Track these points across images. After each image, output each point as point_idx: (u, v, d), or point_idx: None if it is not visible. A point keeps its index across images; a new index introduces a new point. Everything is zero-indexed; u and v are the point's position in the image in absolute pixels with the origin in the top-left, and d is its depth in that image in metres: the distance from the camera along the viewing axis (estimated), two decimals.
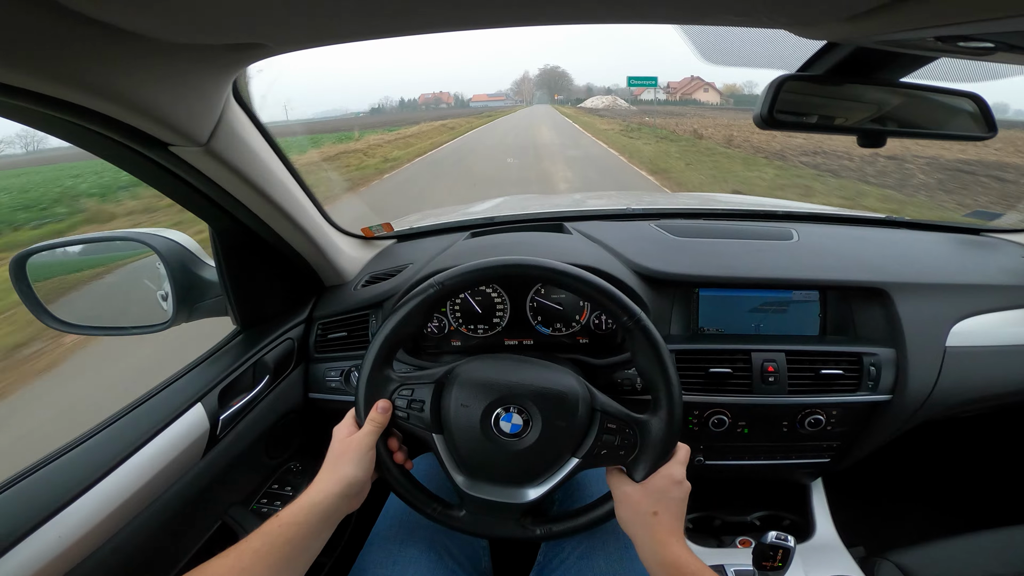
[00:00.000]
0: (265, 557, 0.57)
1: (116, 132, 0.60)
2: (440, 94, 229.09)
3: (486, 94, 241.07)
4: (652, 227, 1.29)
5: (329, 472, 0.69)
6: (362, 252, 1.28)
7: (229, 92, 0.70)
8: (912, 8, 0.44)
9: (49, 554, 0.60)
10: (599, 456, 0.73)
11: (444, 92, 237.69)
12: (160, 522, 0.76)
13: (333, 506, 0.65)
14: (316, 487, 0.67)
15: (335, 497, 0.66)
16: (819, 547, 1.14)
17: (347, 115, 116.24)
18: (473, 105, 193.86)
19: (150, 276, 1.01)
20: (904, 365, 1.03)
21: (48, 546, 0.60)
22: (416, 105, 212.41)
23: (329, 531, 0.66)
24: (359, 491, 0.69)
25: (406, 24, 0.52)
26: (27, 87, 0.47)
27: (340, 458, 0.70)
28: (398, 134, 26.40)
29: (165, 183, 0.78)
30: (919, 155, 11.32)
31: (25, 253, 0.91)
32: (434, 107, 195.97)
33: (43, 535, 0.60)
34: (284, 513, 0.63)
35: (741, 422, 1.06)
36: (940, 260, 1.21)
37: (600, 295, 0.75)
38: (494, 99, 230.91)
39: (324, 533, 0.65)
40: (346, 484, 0.67)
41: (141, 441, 0.75)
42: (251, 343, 1.02)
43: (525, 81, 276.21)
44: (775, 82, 0.69)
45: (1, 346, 3.21)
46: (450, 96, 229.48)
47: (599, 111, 62.61)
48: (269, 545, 0.58)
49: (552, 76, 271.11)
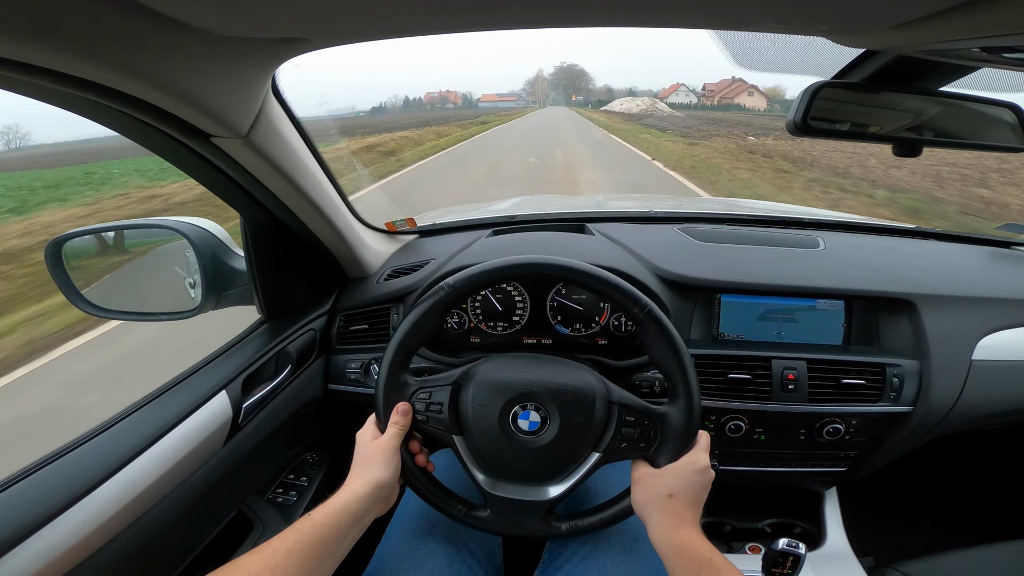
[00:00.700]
0: (298, 556, 0.58)
1: (163, 122, 0.62)
2: (447, 93, 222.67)
3: (496, 94, 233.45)
4: (675, 231, 1.29)
5: (359, 475, 0.69)
6: (385, 246, 1.29)
7: (269, 86, 0.71)
8: (958, 19, 0.44)
9: (71, 539, 0.61)
10: (620, 449, 0.73)
11: (451, 91, 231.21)
12: (180, 509, 0.77)
13: (364, 508, 0.66)
14: (348, 489, 0.68)
15: (366, 499, 0.66)
16: (829, 556, 1.13)
17: (348, 114, 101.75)
18: (482, 105, 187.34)
19: (179, 263, 1.03)
20: (928, 377, 1.02)
21: (71, 530, 0.61)
22: (421, 104, 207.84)
23: (358, 534, 0.67)
24: (388, 494, 0.70)
25: (448, 22, 0.52)
26: (84, 76, 0.49)
27: (369, 461, 0.70)
28: (364, 143, 18.33)
29: (203, 173, 0.79)
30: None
31: (61, 238, 0.93)
32: (440, 107, 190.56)
33: (67, 519, 0.61)
34: (317, 513, 0.64)
35: (758, 428, 1.05)
36: (969, 272, 1.19)
37: (609, 288, 0.75)
38: (505, 99, 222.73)
39: (353, 535, 0.66)
40: (376, 486, 0.68)
41: (167, 427, 0.77)
42: (275, 333, 1.03)
43: (539, 80, 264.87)
44: (810, 88, 0.68)
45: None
46: (458, 95, 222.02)
47: (636, 116, 49.29)
48: (302, 544, 0.59)
49: (569, 75, 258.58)
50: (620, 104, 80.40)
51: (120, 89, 0.53)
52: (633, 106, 70.67)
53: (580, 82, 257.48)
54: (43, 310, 3.95)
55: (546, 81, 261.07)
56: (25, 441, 2.41)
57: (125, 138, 0.68)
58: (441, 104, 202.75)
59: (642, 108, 66.49)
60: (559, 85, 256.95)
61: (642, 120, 41.22)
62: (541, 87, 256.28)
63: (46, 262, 0.93)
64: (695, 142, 19.20)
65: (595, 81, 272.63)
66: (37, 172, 15.33)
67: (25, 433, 2.52)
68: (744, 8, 0.48)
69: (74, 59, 0.46)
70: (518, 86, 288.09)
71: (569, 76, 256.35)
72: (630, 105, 73.39)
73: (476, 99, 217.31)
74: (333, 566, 0.63)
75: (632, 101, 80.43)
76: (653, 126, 30.85)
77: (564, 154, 15.43)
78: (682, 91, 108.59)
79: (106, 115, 0.62)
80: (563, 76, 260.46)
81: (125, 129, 0.65)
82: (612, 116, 52.27)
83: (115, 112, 0.60)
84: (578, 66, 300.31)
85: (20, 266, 5.05)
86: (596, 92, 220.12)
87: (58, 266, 0.93)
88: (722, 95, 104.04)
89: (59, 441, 0.72)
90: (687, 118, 43.51)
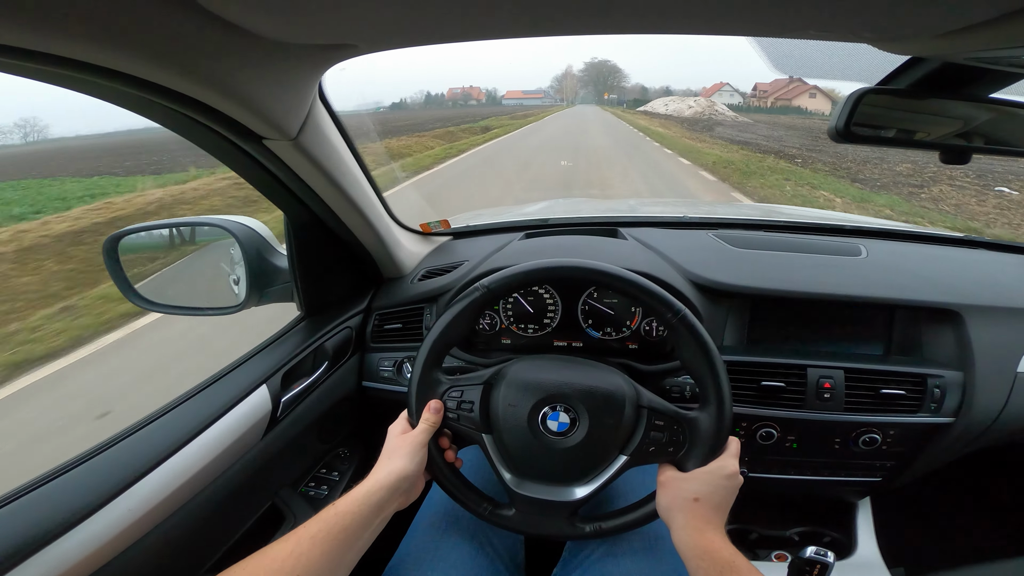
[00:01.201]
0: (321, 543, 0.60)
1: (217, 122, 0.65)
2: (470, 89, 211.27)
3: (521, 91, 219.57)
4: (710, 236, 1.27)
5: (383, 465, 0.71)
6: (420, 247, 1.32)
7: (316, 90, 0.74)
8: (1008, 26, 0.43)
9: (120, 525, 0.64)
10: (648, 453, 0.73)
11: (475, 87, 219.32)
12: (219, 499, 0.80)
13: (385, 498, 0.67)
14: (371, 479, 0.69)
15: (387, 490, 0.68)
16: (859, 565, 1.11)
17: (369, 110, 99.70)
18: (506, 103, 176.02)
19: (225, 260, 1.08)
20: (971, 389, 0.99)
21: (120, 517, 0.64)
22: (443, 101, 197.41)
23: (381, 524, 0.69)
24: (410, 486, 0.72)
25: (495, 28, 0.54)
26: (144, 76, 0.52)
27: (394, 453, 0.72)
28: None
29: (252, 172, 0.83)
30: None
31: (117, 235, 0.98)
32: (463, 103, 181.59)
33: (116, 507, 0.64)
34: (340, 502, 0.65)
35: (790, 436, 1.03)
36: (1017, 283, 1.15)
37: (642, 293, 0.75)
38: (530, 96, 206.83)
39: (376, 525, 0.68)
40: (398, 477, 0.69)
41: (211, 420, 0.79)
42: (314, 329, 1.06)
43: (568, 77, 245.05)
44: (854, 95, 0.67)
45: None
46: (482, 92, 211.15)
47: (690, 121, 34.42)
48: (325, 532, 0.61)
49: (600, 71, 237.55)
50: (664, 104, 59.35)
51: (177, 90, 0.56)
52: (684, 107, 51.73)
53: (612, 79, 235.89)
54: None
55: (575, 78, 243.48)
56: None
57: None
58: (464, 101, 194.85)
59: (697, 110, 47.50)
60: (589, 82, 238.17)
61: (711, 129, 25.42)
62: (570, 84, 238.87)
63: (103, 257, 0.98)
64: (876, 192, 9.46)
65: (629, 78, 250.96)
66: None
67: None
68: (787, 16, 0.48)
69: (136, 60, 0.49)
70: (545, 83, 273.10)
71: (600, 72, 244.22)
72: (679, 106, 53.37)
73: (501, 96, 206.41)
74: (356, 555, 0.65)
75: (682, 101, 59.63)
76: (733, 140, 18.56)
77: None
78: (726, 91, 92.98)
79: (161, 114, 0.65)
80: (594, 72, 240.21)
81: (179, 128, 0.68)
82: (655, 119, 38.38)
83: (170, 111, 0.63)
84: (610, 62, 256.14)
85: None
86: (630, 91, 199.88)
87: (114, 261, 0.98)
88: (778, 96, 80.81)
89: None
90: (771, 127, 29.10)
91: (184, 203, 8.09)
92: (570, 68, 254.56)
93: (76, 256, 5.11)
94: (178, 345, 3.26)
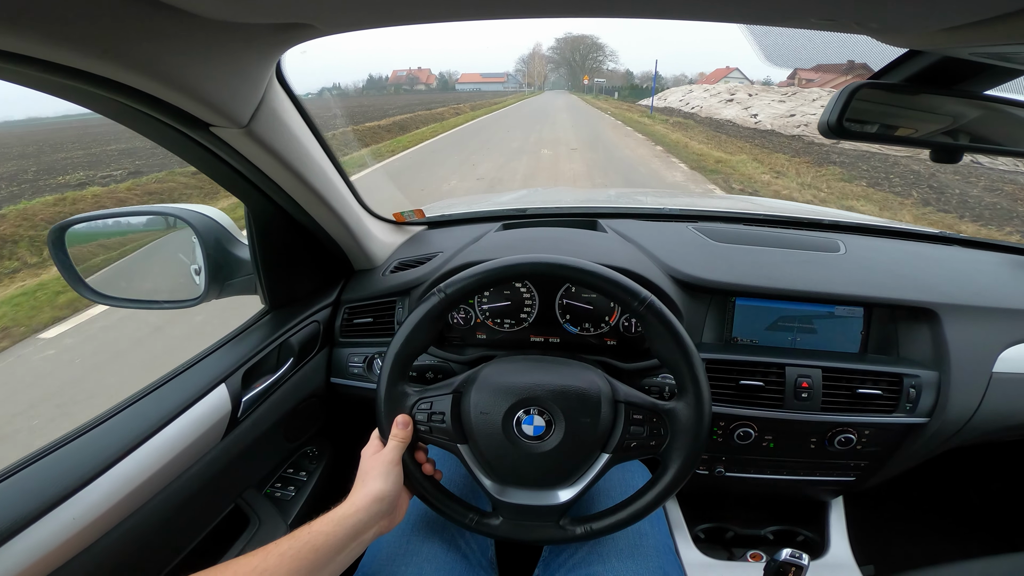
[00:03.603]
0: (289, 561, 0.58)
1: (159, 111, 0.59)
2: (417, 72, 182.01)
3: (479, 73, 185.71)
4: (690, 230, 1.25)
5: (357, 488, 0.69)
6: (393, 237, 1.27)
7: (272, 74, 0.68)
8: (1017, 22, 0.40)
9: (61, 536, 0.60)
10: (629, 449, 0.72)
11: (423, 69, 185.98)
12: (175, 505, 0.76)
13: (362, 522, 0.65)
14: (347, 502, 0.67)
15: (363, 512, 0.65)
16: (831, 565, 1.11)
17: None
18: (460, 87, 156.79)
19: (184, 251, 1.01)
20: (946, 389, 0.99)
21: (61, 527, 0.60)
22: (385, 85, 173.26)
23: (358, 549, 0.66)
24: (389, 507, 0.69)
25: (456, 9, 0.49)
26: (74, 65, 0.46)
27: (367, 474, 0.70)
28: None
29: (204, 162, 0.77)
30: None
31: (64, 224, 0.92)
32: (408, 88, 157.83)
33: (56, 517, 0.60)
34: (316, 522, 0.63)
35: (767, 436, 1.03)
36: (993, 281, 1.15)
37: (607, 284, 0.72)
38: (490, 80, 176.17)
39: (352, 549, 0.65)
40: (374, 499, 0.67)
41: (163, 422, 0.75)
42: (278, 324, 1.01)
43: (535, 58, 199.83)
44: (848, 88, 0.65)
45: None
46: (432, 75, 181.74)
47: (784, 139, 13.43)
48: (295, 550, 0.59)
49: (576, 49, 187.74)
50: (680, 96, 32.99)
51: (112, 78, 0.50)
52: (767, 107, 19.86)
53: (592, 59, 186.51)
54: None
55: (545, 59, 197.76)
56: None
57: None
58: (410, 85, 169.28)
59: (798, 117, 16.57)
60: (562, 63, 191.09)
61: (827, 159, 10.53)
62: (538, 66, 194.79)
63: (48, 247, 0.92)
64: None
65: (617, 58, 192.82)
66: None
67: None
68: (789, 2, 0.44)
69: (64, 48, 0.44)
70: (511, 66, 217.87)
71: (575, 49, 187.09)
72: (723, 109, 22.51)
73: (456, 79, 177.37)
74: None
75: (762, 92, 25.11)
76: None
77: None
78: (733, 78, 68.11)
79: (101, 104, 0.59)
80: (567, 50, 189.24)
81: (122, 118, 0.63)
82: (693, 129, 17.44)
83: (110, 101, 0.57)
84: (591, 37, 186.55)
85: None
86: (615, 76, 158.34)
87: (61, 251, 0.92)
88: (826, 87, 55.90)
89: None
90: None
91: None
92: (538, 47, 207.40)
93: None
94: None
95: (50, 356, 3.16)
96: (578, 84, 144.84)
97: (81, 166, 11.35)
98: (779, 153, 11.91)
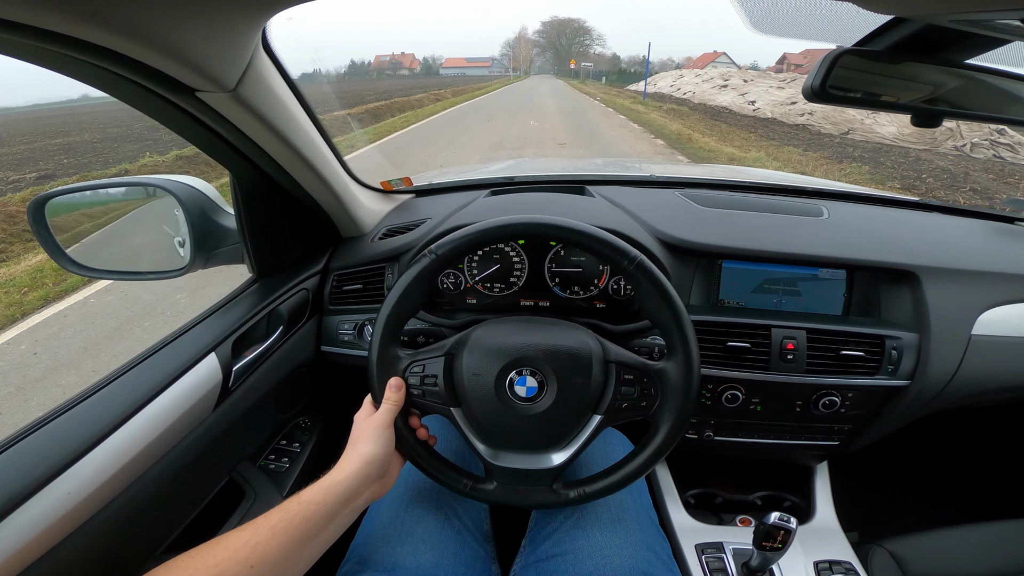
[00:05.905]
0: (280, 533, 0.57)
1: (143, 76, 0.57)
2: (400, 57, 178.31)
3: (463, 58, 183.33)
4: (677, 195, 1.27)
5: (348, 453, 0.69)
6: (381, 205, 1.26)
7: (259, 39, 0.67)
8: None
9: (59, 511, 0.59)
10: (620, 410, 0.72)
11: (406, 54, 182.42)
12: (170, 477, 0.75)
13: (353, 487, 0.65)
14: (338, 467, 0.67)
15: (354, 476, 0.65)
16: (817, 530, 1.15)
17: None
18: (444, 72, 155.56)
19: (168, 222, 1.00)
20: (926, 351, 1.02)
21: (58, 502, 0.59)
22: (367, 70, 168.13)
23: (351, 515, 0.66)
24: (380, 471, 0.69)
25: None
26: (58, 30, 0.45)
27: (359, 438, 0.69)
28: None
29: (188, 129, 0.75)
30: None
31: (43, 197, 0.90)
32: (391, 74, 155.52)
33: (53, 491, 0.59)
34: (305, 492, 0.63)
35: (755, 399, 1.05)
36: (972, 246, 1.18)
37: (597, 243, 0.73)
38: (475, 64, 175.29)
39: (344, 517, 0.65)
40: (365, 462, 0.66)
41: (154, 392, 0.74)
42: (266, 292, 1.01)
43: (521, 42, 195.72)
44: (831, 55, 0.65)
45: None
46: (416, 60, 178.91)
47: (781, 126, 13.87)
48: (286, 522, 0.59)
49: (562, 32, 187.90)
50: (695, 80, 27.43)
51: (93, 42, 0.49)
52: (767, 92, 18.19)
53: (578, 43, 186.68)
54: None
55: (530, 42, 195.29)
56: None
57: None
58: (393, 70, 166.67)
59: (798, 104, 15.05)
60: (548, 47, 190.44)
61: (820, 148, 10.92)
62: (524, 50, 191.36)
63: (28, 220, 0.90)
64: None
65: (604, 42, 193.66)
66: None
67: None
68: None
69: (47, 12, 0.42)
70: (497, 50, 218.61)
71: (562, 34, 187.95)
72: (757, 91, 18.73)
73: (440, 64, 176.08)
74: (320, 546, 0.63)
75: (757, 79, 22.34)
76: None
77: None
78: (721, 63, 64.67)
79: (82, 70, 0.57)
80: (553, 33, 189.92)
81: (105, 85, 0.61)
82: (690, 117, 16.53)
83: (91, 67, 0.55)
84: (576, 20, 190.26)
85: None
86: (602, 60, 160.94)
87: (41, 224, 0.90)
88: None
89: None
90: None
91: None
92: (524, 31, 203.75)
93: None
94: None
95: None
96: (564, 68, 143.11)
97: (8, 166, 10.48)
98: (789, 146, 11.20)
